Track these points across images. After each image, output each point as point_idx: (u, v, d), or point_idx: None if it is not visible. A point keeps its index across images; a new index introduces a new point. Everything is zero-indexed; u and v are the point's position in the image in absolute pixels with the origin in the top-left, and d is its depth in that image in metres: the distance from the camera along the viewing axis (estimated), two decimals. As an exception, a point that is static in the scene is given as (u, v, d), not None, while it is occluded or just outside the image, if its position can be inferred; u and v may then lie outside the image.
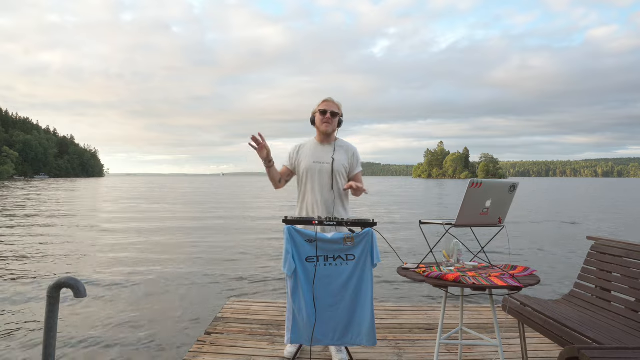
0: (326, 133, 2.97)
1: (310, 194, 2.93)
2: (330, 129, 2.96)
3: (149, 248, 10.08)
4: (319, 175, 2.92)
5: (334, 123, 2.96)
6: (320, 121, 2.95)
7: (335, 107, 2.97)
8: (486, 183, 2.36)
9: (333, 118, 2.94)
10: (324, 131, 2.96)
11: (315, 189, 2.92)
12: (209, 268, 7.93)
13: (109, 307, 5.47)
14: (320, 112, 2.95)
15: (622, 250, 2.69)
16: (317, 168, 2.93)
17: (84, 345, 4.19)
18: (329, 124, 2.94)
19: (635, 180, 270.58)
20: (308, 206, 2.93)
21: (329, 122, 2.93)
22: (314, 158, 2.96)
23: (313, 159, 2.96)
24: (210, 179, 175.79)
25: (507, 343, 3.19)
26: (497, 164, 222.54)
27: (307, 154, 2.99)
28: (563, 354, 1.69)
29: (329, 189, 2.92)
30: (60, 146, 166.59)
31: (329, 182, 2.92)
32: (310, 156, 2.97)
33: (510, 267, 2.53)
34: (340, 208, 2.96)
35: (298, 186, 3.04)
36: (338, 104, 2.99)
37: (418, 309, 4.13)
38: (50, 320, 1.56)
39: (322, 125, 2.95)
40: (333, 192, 2.92)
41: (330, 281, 2.61)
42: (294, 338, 2.62)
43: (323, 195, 2.91)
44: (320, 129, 2.97)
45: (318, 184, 2.92)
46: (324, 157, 2.95)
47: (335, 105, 2.98)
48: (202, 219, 17.00)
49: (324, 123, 2.94)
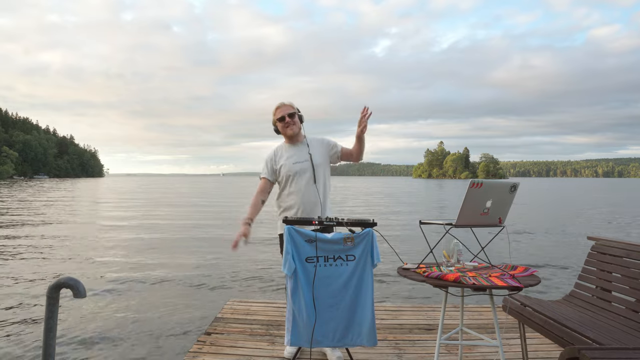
0: (294, 134, 3.02)
1: (296, 195, 2.96)
2: (296, 129, 3.02)
3: (149, 248, 10.08)
4: (302, 174, 2.96)
5: (296, 122, 3.02)
6: (283, 128, 3.02)
7: (289, 108, 3.02)
8: (487, 183, 2.36)
9: (292, 119, 3.00)
10: (290, 134, 3.02)
11: (302, 189, 2.95)
12: (208, 268, 7.93)
13: (109, 307, 5.47)
14: (279, 120, 3.01)
15: (622, 251, 2.69)
16: (298, 168, 2.98)
17: (84, 345, 4.19)
18: (293, 125, 3.00)
19: (635, 180, 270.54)
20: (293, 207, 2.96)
21: (291, 124, 2.99)
22: (293, 159, 3.01)
23: (292, 160, 3.00)
24: (211, 179, 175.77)
25: (508, 343, 3.18)
26: (497, 164, 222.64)
27: (285, 156, 3.04)
28: (563, 354, 1.69)
29: (312, 184, 2.96)
30: (59, 146, 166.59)
31: (312, 177, 2.97)
32: (288, 158, 3.02)
33: (510, 267, 2.52)
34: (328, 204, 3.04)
35: (278, 193, 3.07)
36: (290, 103, 3.05)
37: (418, 309, 4.12)
38: (50, 321, 1.56)
39: (287, 130, 3.01)
40: (316, 186, 2.97)
41: (330, 281, 2.60)
42: (293, 340, 2.61)
43: (309, 193, 2.95)
44: (286, 134, 3.04)
45: (304, 183, 2.96)
46: (302, 156, 3.01)
47: (288, 106, 3.03)
48: (202, 219, 17.00)
49: (287, 128, 3.00)
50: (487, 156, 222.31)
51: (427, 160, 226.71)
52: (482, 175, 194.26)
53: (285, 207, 3.01)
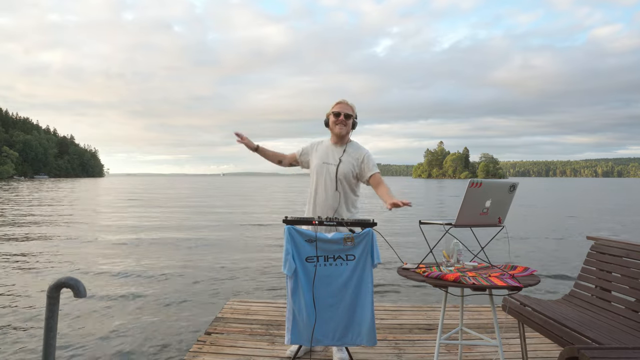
0: (340, 135, 2.98)
1: (321, 194, 2.95)
2: (344, 131, 2.97)
3: (148, 248, 10.08)
4: (326, 176, 2.95)
5: (348, 125, 2.97)
6: (333, 123, 2.97)
7: (349, 109, 2.97)
8: (486, 183, 2.36)
9: (347, 120, 2.95)
10: (337, 133, 2.97)
11: (322, 188, 2.94)
12: (209, 268, 7.93)
13: (109, 308, 5.47)
14: (334, 114, 2.96)
15: (622, 250, 2.69)
16: (325, 169, 2.96)
17: (84, 344, 4.19)
18: (343, 126, 2.95)
19: (635, 180, 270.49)
20: (317, 205, 2.95)
21: (342, 124, 2.95)
22: (324, 158, 2.99)
23: (322, 160, 2.99)
24: (211, 179, 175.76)
25: (507, 343, 3.19)
26: (497, 164, 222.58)
27: (320, 153, 3.03)
28: (563, 354, 1.69)
29: (332, 190, 2.93)
30: (60, 146, 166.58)
31: (333, 184, 2.93)
32: (321, 156, 3.01)
33: (510, 267, 2.53)
34: (345, 210, 2.94)
35: (310, 185, 3.07)
36: (352, 105, 3.00)
37: (418, 309, 4.13)
38: (50, 320, 1.56)
39: (335, 128, 2.96)
40: (338, 193, 2.93)
41: (330, 281, 2.61)
42: (293, 339, 2.62)
43: (329, 196, 2.93)
44: (333, 131, 2.99)
45: (324, 184, 2.94)
46: (333, 159, 2.98)
47: (349, 107, 2.98)
48: (202, 219, 16.99)
49: (337, 125, 2.95)
50: (486, 156, 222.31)
51: (427, 160, 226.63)
52: (481, 175, 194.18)
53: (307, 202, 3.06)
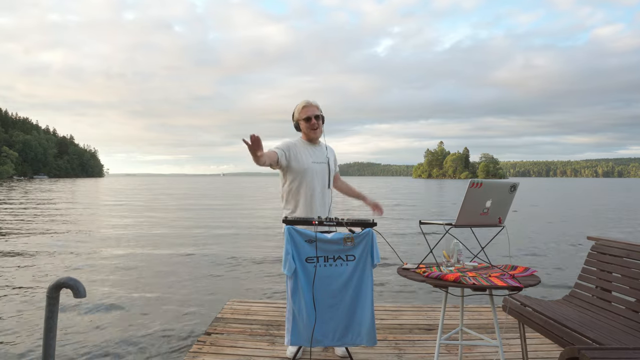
0: (317, 137, 2.98)
1: (318, 194, 2.91)
2: (319, 133, 2.96)
3: (148, 248, 10.07)
4: (320, 175, 2.93)
5: (321, 125, 2.96)
6: (308, 129, 2.93)
7: (316, 109, 2.94)
8: (486, 183, 2.36)
9: (318, 121, 2.94)
10: (315, 137, 2.96)
11: (317, 189, 2.91)
12: (208, 268, 7.93)
13: (108, 307, 5.46)
14: (305, 120, 2.92)
15: (622, 251, 2.69)
16: (317, 168, 2.93)
17: (84, 344, 4.19)
18: (318, 129, 2.94)
19: (636, 180, 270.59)
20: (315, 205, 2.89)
21: (316, 127, 2.93)
22: (312, 158, 2.94)
23: (311, 159, 2.94)
24: (211, 179, 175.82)
25: (508, 343, 3.18)
26: (497, 164, 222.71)
27: (303, 153, 2.94)
28: (563, 354, 1.69)
29: (327, 188, 2.96)
30: (59, 146, 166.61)
31: (327, 182, 2.96)
32: (307, 156, 2.94)
33: (510, 268, 2.52)
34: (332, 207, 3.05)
35: (289, 186, 2.93)
36: (316, 104, 2.97)
37: (418, 309, 4.12)
38: (50, 321, 1.56)
39: (311, 133, 2.94)
40: (330, 191, 2.98)
41: (330, 282, 2.61)
42: (293, 339, 2.62)
43: (325, 194, 2.94)
44: (309, 135, 2.96)
45: (319, 184, 2.92)
46: (320, 157, 2.97)
47: (314, 107, 2.95)
48: (202, 219, 16.99)
49: (312, 130, 2.93)
50: (487, 156, 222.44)
51: (427, 160, 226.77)
52: (482, 175, 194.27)
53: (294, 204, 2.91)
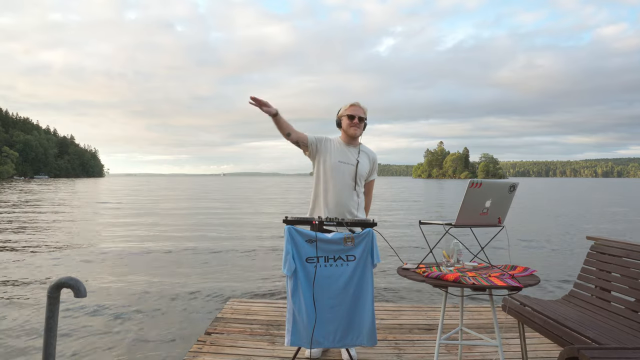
0: (354, 136, 3.01)
1: (332, 193, 2.94)
2: (358, 133, 3.01)
3: (148, 248, 10.07)
4: (343, 175, 2.95)
5: (361, 127, 3.01)
6: (348, 125, 2.99)
7: (362, 112, 3.01)
8: (486, 183, 2.36)
9: (360, 123, 2.99)
10: (352, 135, 3.00)
11: (337, 188, 2.93)
12: (208, 268, 7.93)
13: (108, 307, 5.46)
14: (348, 116, 2.98)
15: (621, 250, 2.70)
16: (342, 168, 2.96)
17: (84, 344, 4.19)
18: (357, 129, 2.98)
19: (635, 180, 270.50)
20: (328, 204, 2.93)
21: (357, 127, 2.98)
22: (340, 157, 2.98)
23: (339, 158, 2.98)
24: (211, 179, 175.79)
25: (507, 343, 3.19)
26: (497, 164, 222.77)
27: (333, 151, 3.01)
28: (563, 354, 1.69)
29: (350, 190, 2.96)
30: (60, 146, 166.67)
31: (352, 184, 2.96)
32: (336, 154, 2.99)
33: (510, 267, 2.53)
34: (355, 210, 2.99)
35: (316, 182, 3.02)
36: (364, 108, 3.03)
37: (418, 309, 4.13)
38: (50, 320, 1.56)
39: (350, 130, 2.99)
40: (355, 193, 2.98)
41: (331, 282, 2.61)
42: (293, 340, 2.61)
43: (343, 195, 2.94)
44: (348, 132, 3.01)
45: (340, 184, 2.94)
46: (349, 158, 2.99)
47: (362, 109, 3.01)
48: (202, 219, 16.99)
49: (351, 127, 2.98)
50: (486, 156, 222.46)
51: (427, 160, 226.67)
52: (481, 175, 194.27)
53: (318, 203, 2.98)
